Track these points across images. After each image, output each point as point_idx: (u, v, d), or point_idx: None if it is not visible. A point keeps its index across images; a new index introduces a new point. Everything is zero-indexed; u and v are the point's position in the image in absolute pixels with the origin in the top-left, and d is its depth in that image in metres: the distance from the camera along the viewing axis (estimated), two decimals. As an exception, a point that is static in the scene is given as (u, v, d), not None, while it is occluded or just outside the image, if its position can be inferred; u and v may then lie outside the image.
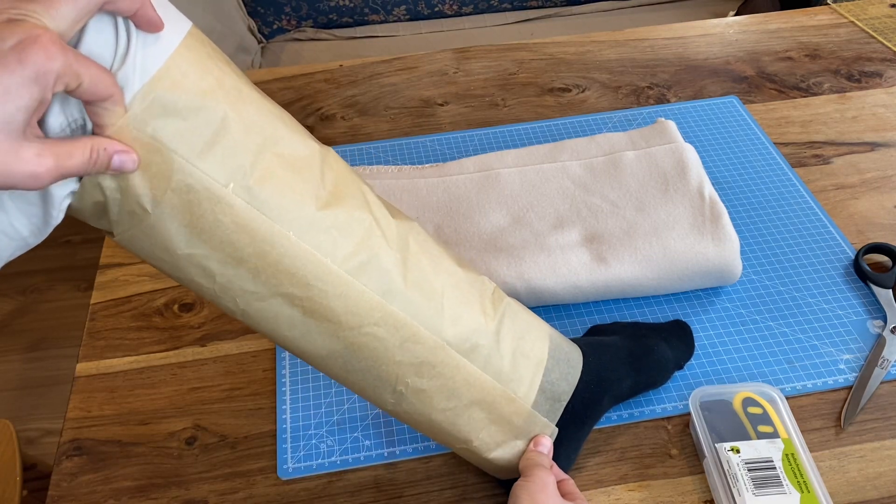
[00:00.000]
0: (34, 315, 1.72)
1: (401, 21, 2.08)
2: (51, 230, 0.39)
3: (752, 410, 0.59)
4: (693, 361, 0.66)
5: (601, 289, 0.69)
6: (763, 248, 0.76)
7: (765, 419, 0.59)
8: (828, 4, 1.14)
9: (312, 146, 0.45)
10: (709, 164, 0.86)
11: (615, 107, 0.96)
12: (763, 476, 0.55)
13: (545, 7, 2.10)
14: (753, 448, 0.56)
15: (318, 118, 0.97)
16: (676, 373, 0.65)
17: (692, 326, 0.68)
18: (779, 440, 0.57)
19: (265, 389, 0.67)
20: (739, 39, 1.08)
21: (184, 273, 0.43)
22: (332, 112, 0.98)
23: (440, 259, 0.50)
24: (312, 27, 2.05)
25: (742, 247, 0.75)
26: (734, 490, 0.54)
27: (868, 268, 0.73)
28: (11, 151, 0.32)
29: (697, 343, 0.67)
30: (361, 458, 0.61)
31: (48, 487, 0.61)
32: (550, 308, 0.71)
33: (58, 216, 0.38)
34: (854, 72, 1.00)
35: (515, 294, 0.68)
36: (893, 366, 0.65)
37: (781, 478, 0.55)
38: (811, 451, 0.60)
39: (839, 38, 1.07)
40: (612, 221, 0.73)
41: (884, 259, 0.75)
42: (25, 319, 1.71)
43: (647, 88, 0.99)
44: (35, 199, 0.37)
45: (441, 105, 0.98)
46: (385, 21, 2.07)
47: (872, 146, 0.88)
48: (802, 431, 0.61)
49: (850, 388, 0.64)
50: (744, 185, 0.83)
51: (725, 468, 0.56)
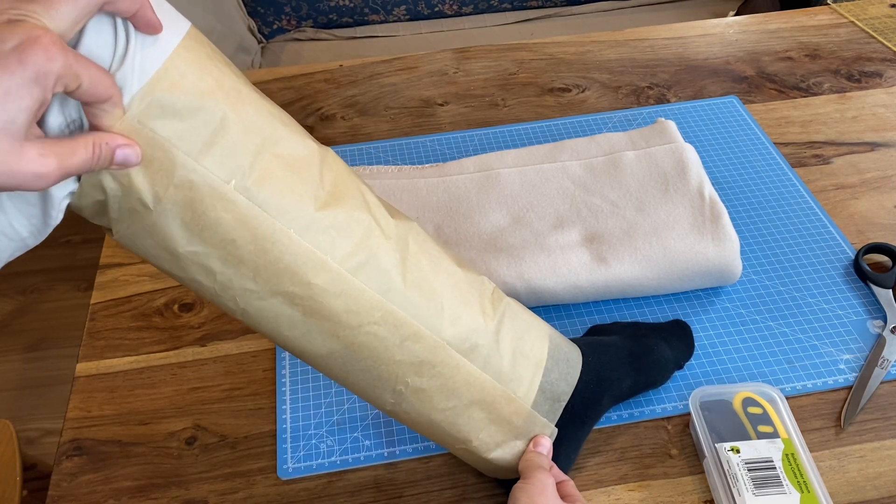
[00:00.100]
0: (34, 315, 1.72)
1: (401, 21, 2.08)
2: (50, 231, 0.39)
3: (752, 410, 0.59)
4: (693, 361, 0.66)
5: (601, 289, 0.69)
6: (763, 248, 0.76)
7: (765, 419, 0.59)
8: (828, 4, 1.14)
9: (311, 146, 0.45)
10: (709, 164, 0.86)
11: (615, 107, 0.96)
12: (763, 476, 0.55)
13: (545, 7, 2.10)
14: (753, 448, 0.56)
15: (318, 118, 0.97)
16: (676, 373, 0.65)
17: (692, 326, 0.68)
18: (779, 440, 0.57)
19: (265, 389, 0.67)
20: (739, 39, 1.08)
21: (184, 271, 0.43)
22: (332, 112, 0.98)
23: (440, 259, 0.50)
24: (312, 27, 2.05)
25: (742, 247, 0.75)
26: (734, 490, 0.54)
27: (868, 268, 0.73)
28: (14, 152, 0.31)
29: (697, 343, 0.67)
30: (361, 458, 0.61)
31: (48, 487, 0.61)
32: (550, 308, 0.71)
33: (57, 216, 0.38)
34: (854, 72, 1.00)
35: (515, 294, 0.68)
36: (893, 366, 0.65)
37: (781, 478, 0.55)
38: (811, 451, 0.60)
39: (839, 38, 1.07)
40: (612, 221, 0.73)
41: (884, 259, 0.75)
42: (25, 319, 1.71)
43: (647, 88, 0.99)
44: (34, 200, 0.37)
45: (441, 105, 0.98)
46: (385, 21, 2.07)
47: (872, 146, 0.88)
48: (802, 431, 0.61)
49: (850, 388, 0.64)
50: (744, 185, 0.83)
51: (725, 468, 0.56)
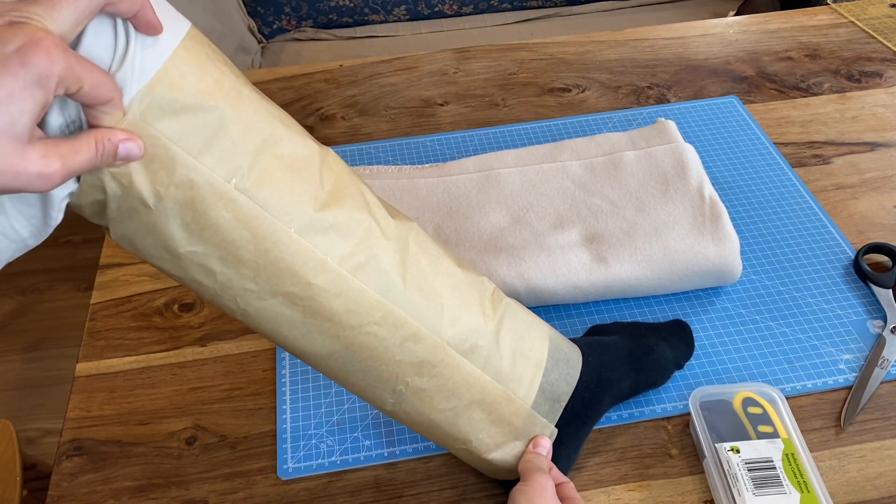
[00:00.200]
0: (34, 315, 1.72)
1: (401, 21, 2.08)
2: (51, 231, 0.39)
3: (752, 410, 0.59)
4: (693, 361, 0.66)
5: (601, 289, 0.69)
6: (763, 248, 0.76)
7: (765, 419, 0.59)
8: (828, 4, 1.14)
9: (312, 147, 0.45)
10: (709, 164, 0.86)
11: (615, 107, 0.96)
12: (763, 476, 0.55)
13: (545, 7, 2.10)
14: (753, 448, 0.56)
15: (318, 118, 0.97)
16: (676, 373, 0.65)
17: (692, 326, 0.68)
18: (779, 440, 0.57)
19: (265, 389, 0.67)
20: (739, 39, 1.08)
21: (184, 271, 0.43)
22: (332, 112, 0.98)
23: (440, 259, 0.50)
24: (312, 27, 2.05)
25: (742, 247, 0.75)
26: (734, 490, 0.54)
27: (868, 268, 0.73)
28: (17, 154, 0.32)
29: (697, 343, 0.67)
30: (361, 458, 0.61)
31: (48, 487, 0.61)
32: (550, 308, 0.71)
33: (57, 217, 0.38)
34: (854, 72, 1.00)
35: (515, 294, 0.68)
36: (893, 366, 0.65)
37: (781, 478, 0.55)
38: (811, 451, 0.60)
39: (839, 38, 1.07)
40: (612, 221, 0.73)
41: (884, 259, 0.75)
42: (25, 319, 1.71)
43: (647, 88, 0.99)
44: (34, 201, 0.37)
45: (441, 105, 0.98)
46: (385, 21, 2.07)
47: (872, 146, 0.88)
48: (802, 431, 0.61)
49: (850, 388, 0.64)
50: (744, 185, 0.83)
51: (725, 468, 0.56)
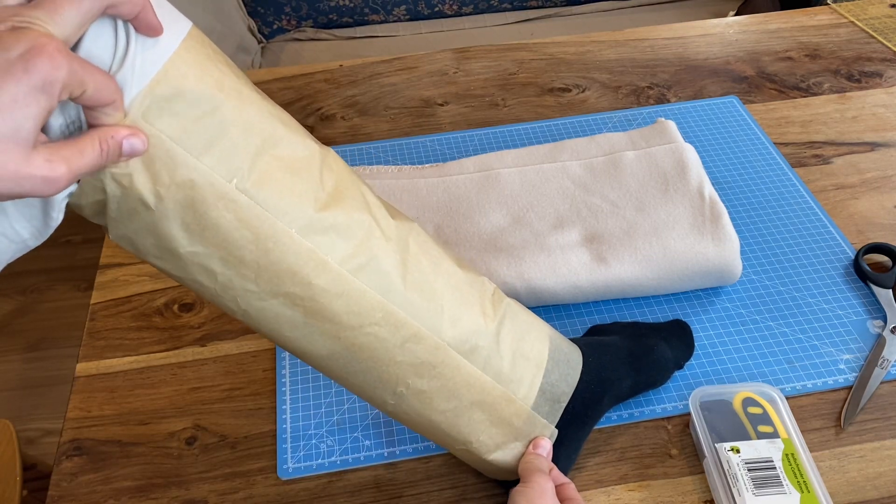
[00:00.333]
0: (34, 315, 1.72)
1: (401, 21, 2.08)
2: (51, 232, 0.39)
3: (752, 410, 0.59)
4: (693, 361, 0.66)
5: (601, 289, 0.69)
6: (763, 248, 0.76)
7: (765, 419, 0.59)
8: (828, 4, 1.14)
9: (312, 147, 0.45)
10: (709, 164, 0.86)
11: (615, 107, 0.96)
12: (763, 476, 0.55)
13: (545, 7, 2.10)
14: (753, 448, 0.56)
15: (318, 118, 0.97)
16: (676, 373, 0.65)
17: (692, 326, 0.68)
18: (779, 440, 0.57)
19: (265, 389, 0.67)
20: (739, 39, 1.08)
21: (185, 272, 0.43)
22: (332, 112, 0.98)
23: (440, 260, 0.50)
24: (312, 27, 2.05)
25: (742, 247, 0.75)
26: (734, 490, 0.54)
27: (868, 268, 0.73)
28: (22, 159, 0.31)
29: (697, 343, 0.67)
30: (361, 458, 0.61)
31: (48, 487, 0.61)
32: (550, 308, 0.71)
33: (58, 217, 0.38)
34: (854, 72, 1.00)
35: (515, 294, 0.68)
36: (893, 366, 0.65)
37: (781, 478, 0.55)
38: (811, 451, 0.60)
39: (839, 38, 1.07)
40: (612, 221, 0.73)
41: (884, 259, 0.75)
42: (25, 319, 1.71)
43: (647, 88, 0.99)
44: (35, 202, 0.37)
45: (441, 105, 0.98)
46: (385, 21, 2.07)
47: (872, 146, 0.88)
48: (802, 431, 0.61)
49: (850, 388, 0.64)
50: (744, 185, 0.83)
51: (725, 468, 0.56)
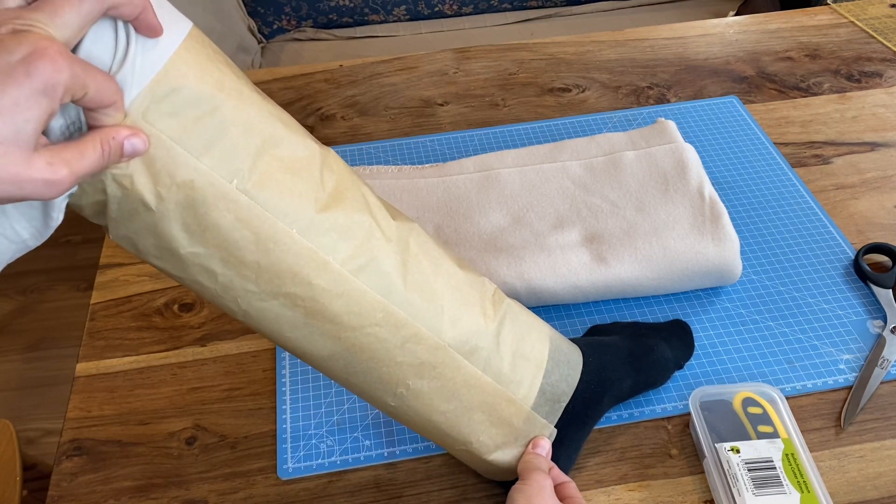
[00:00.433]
0: (34, 315, 1.72)
1: (401, 21, 2.08)
2: (51, 232, 0.39)
3: (752, 410, 0.59)
4: (693, 361, 0.66)
5: (601, 289, 0.69)
6: (763, 248, 0.76)
7: (765, 419, 0.59)
8: (828, 4, 1.14)
9: (312, 147, 0.45)
10: (709, 164, 0.86)
11: (615, 107, 0.96)
12: (763, 476, 0.55)
13: (545, 7, 2.10)
14: (753, 448, 0.56)
15: (318, 118, 0.97)
16: (676, 373, 0.65)
17: (692, 326, 0.68)
18: (779, 440, 0.57)
19: (265, 389, 0.67)
20: (739, 39, 1.08)
21: (186, 272, 0.43)
22: (332, 112, 0.98)
23: (440, 260, 0.50)
24: (312, 27, 2.05)
25: (742, 247, 0.75)
26: (734, 490, 0.54)
27: (868, 268, 0.73)
28: (23, 163, 0.31)
29: (697, 343, 0.67)
30: (361, 458, 0.61)
31: (48, 487, 0.61)
32: (550, 308, 0.71)
33: (58, 217, 0.38)
34: (854, 72, 1.00)
35: (515, 294, 0.68)
36: (893, 366, 0.65)
37: (781, 478, 0.55)
38: (811, 451, 0.60)
39: (839, 38, 1.07)
40: (612, 221, 0.73)
41: (884, 259, 0.75)
42: (25, 319, 1.71)
43: (647, 88, 0.99)
44: (35, 202, 0.37)
45: (441, 105, 0.98)
46: (385, 21, 2.07)
47: (872, 146, 0.88)
48: (802, 431, 0.61)
49: (850, 388, 0.64)
50: (744, 185, 0.83)
51: (725, 468, 0.56)
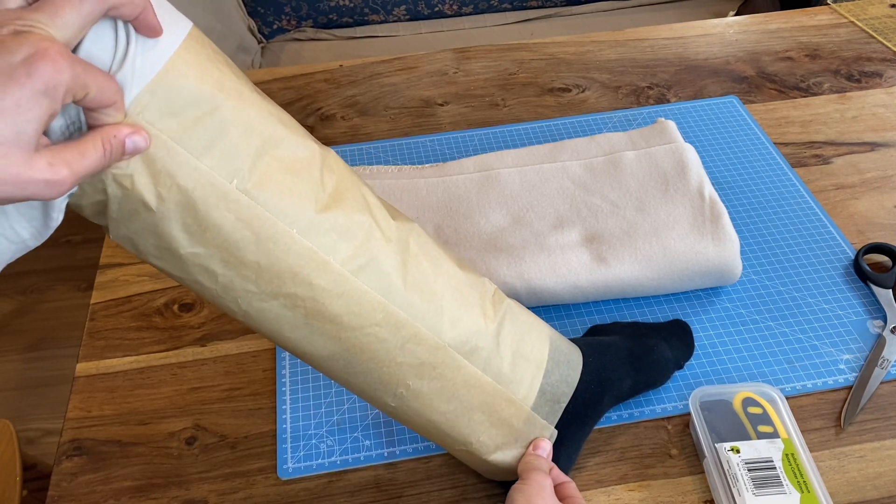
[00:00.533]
0: (34, 315, 1.72)
1: (401, 21, 2.08)
2: (51, 232, 0.39)
3: (752, 410, 0.59)
4: (693, 361, 0.66)
5: (601, 289, 0.69)
6: (763, 248, 0.76)
7: (765, 419, 0.59)
8: (828, 4, 1.14)
9: (313, 148, 0.45)
10: (709, 164, 0.86)
11: (615, 107, 0.96)
12: (763, 476, 0.55)
13: (545, 7, 2.10)
14: (753, 448, 0.56)
15: (318, 118, 0.97)
16: (676, 373, 0.65)
17: (692, 326, 0.68)
18: (779, 440, 0.57)
19: (265, 389, 0.67)
20: (739, 39, 1.08)
21: (186, 273, 0.43)
22: (332, 112, 0.98)
23: (441, 261, 0.50)
24: (312, 27, 2.05)
25: (742, 247, 0.75)
26: (734, 490, 0.54)
27: (868, 268, 0.73)
28: (24, 164, 0.32)
29: (697, 343, 0.67)
30: (361, 458, 0.61)
31: (48, 487, 0.61)
32: (550, 308, 0.71)
33: (58, 218, 0.38)
34: (854, 72, 1.00)
35: (515, 294, 0.68)
36: (893, 366, 0.65)
37: (781, 478, 0.55)
38: (811, 451, 0.60)
39: (839, 38, 1.07)
40: (612, 221, 0.73)
41: (884, 259, 0.75)
42: (25, 319, 1.71)
43: (647, 88, 0.99)
44: (35, 203, 0.37)
45: (441, 105, 0.98)
46: (385, 21, 2.07)
47: (872, 146, 0.88)
48: (802, 431, 0.61)
49: (850, 388, 0.64)
50: (744, 185, 0.83)
51: (725, 468, 0.56)
